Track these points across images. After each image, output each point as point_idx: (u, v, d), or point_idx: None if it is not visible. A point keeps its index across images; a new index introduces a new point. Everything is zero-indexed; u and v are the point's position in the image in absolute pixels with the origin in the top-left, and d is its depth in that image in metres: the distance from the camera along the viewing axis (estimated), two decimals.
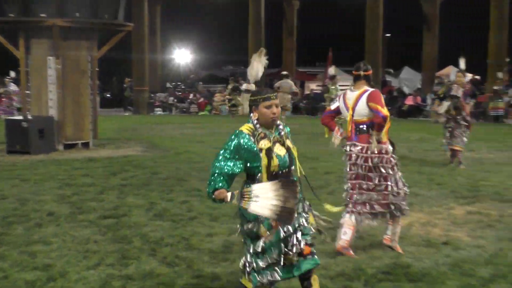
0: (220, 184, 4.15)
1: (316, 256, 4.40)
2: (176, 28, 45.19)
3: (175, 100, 32.64)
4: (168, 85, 35.62)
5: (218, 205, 7.97)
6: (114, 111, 31.96)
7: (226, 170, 4.17)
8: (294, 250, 4.23)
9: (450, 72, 38.15)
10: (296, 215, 4.19)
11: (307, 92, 36.00)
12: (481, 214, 7.80)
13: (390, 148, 6.18)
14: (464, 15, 43.62)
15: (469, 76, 13.27)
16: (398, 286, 5.13)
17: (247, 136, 4.24)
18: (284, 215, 3.91)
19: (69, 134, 14.22)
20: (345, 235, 6.09)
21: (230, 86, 26.76)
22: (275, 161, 4.20)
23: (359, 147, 6.12)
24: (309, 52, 45.78)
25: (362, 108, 6.18)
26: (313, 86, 37.63)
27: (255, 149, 4.19)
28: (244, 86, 27.32)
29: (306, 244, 4.33)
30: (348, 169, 6.22)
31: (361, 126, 6.19)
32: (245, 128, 4.31)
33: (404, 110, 27.49)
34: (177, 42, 47.17)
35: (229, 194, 4.07)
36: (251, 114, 4.33)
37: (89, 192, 9.16)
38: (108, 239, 6.55)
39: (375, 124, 6.09)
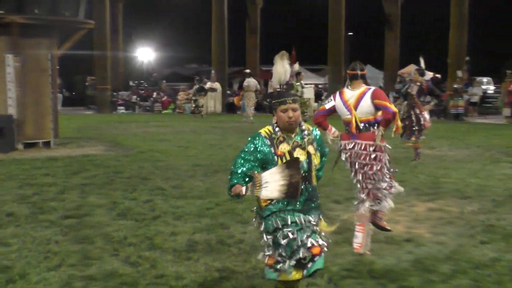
0: (235, 181, 4.19)
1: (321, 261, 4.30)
2: (138, 26, 44.84)
3: (138, 98, 32.38)
4: (131, 83, 35.31)
5: (184, 204, 8.03)
6: (76, 110, 31.56)
7: (242, 170, 4.22)
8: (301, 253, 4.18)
9: (411, 70, 38.71)
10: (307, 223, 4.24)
11: (270, 90, 36.01)
12: (442, 211, 7.89)
13: (388, 146, 6.28)
14: (425, 15, 44.20)
15: (430, 74, 13.42)
16: (361, 283, 5.14)
17: (263, 139, 4.27)
18: (291, 190, 3.95)
19: (30, 133, 13.95)
20: (357, 238, 6.13)
21: (195, 87, 26.65)
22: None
23: (360, 145, 6.18)
24: (272, 51, 45.71)
25: (366, 106, 6.23)
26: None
27: (270, 153, 4.23)
28: (208, 85, 27.31)
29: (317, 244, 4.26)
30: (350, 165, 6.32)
31: (363, 124, 6.24)
32: (264, 130, 4.34)
33: None
34: (140, 40, 46.74)
35: (243, 188, 4.10)
36: (273, 117, 4.38)
37: (50, 191, 8.99)
38: (69, 239, 6.43)
39: (382, 120, 6.19)
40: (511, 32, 25.46)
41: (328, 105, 6.51)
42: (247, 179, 4.17)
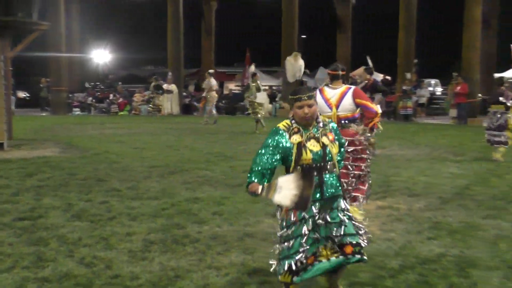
0: (253, 179, 4.31)
1: (357, 255, 4.34)
2: (94, 28, 44.22)
3: (94, 100, 31.95)
4: (86, 85, 34.80)
5: (139, 205, 7.97)
6: (31, 112, 30.99)
7: (260, 166, 4.33)
8: (326, 246, 4.29)
9: (361, 72, 39.17)
10: (329, 211, 4.34)
11: (226, 92, 36.01)
12: (392, 209, 8.01)
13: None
14: (375, 18, 44.78)
15: (380, 76, 13.62)
16: (312, 280, 5.15)
17: (281, 131, 4.41)
18: (301, 202, 4.06)
19: None
20: None
21: (152, 84, 26.47)
22: (307, 155, 4.32)
23: None
24: (228, 52, 45.82)
25: (347, 104, 6.63)
26: (232, 86, 37.72)
27: (288, 143, 4.35)
28: (165, 86, 27.14)
29: (349, 243, 4.31)
30: None
31: (343, 121, 6.63)
32: (282, 124, 4.48)
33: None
34: (96, 42, 46.15)
35: (260, 187, 4.24)
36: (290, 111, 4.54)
37: (3, 194, 8.78)
38: (23, 241, 6.30)
39: (365, 120, 6.59)
40: (458, 35, 25.95)
41: None
42: (266, 177, 4.32)
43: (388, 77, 31.28)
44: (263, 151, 4.38)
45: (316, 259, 4.27)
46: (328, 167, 4.39)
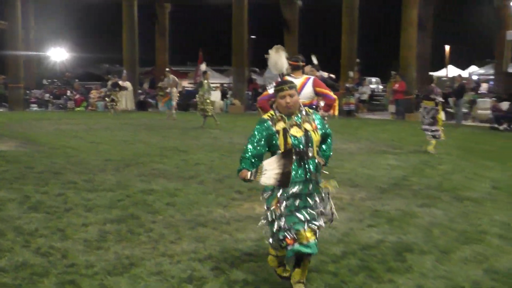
0: (243, 165, 4.50)
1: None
2: (51, 27, 43.28)
3: (51, 96, 31.23)
4: (44, 82, 34.05)
5: (95, 197, 7.83)
6: None
7: (249, 153, 4.51)
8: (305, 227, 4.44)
9: (308, 70, 39.46)
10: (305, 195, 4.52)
11: (179, 89, 35.74)
12: (335, 198, 7.96)
13: None
14: (320, 20, 45.12)
15: (325, 74, 13.75)
16: (261, 266, 5.19)
17: (267, 120, 4.57)
18: (283, 179, 4.26)
19: None
20: None
21: (110, 82, 26.05)
22: (289, 141, 4.45)
23: None
24: (181, 52, 45.53)
25: (308, 92, 7.05)
26: (185, 84, 37.43)
27: (273, 130, 4.51)
28: (120, 83, 26.75)
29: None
30: None
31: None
32: (267, 115, 4.65)
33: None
34: (53, 40, 45.23)
35: (249, 173, 4.41)
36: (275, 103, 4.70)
37: None
38: None
39: (325, 105, 7.22)
40: (396, 37, 26.36)
41: (271, 91, 6.90)
42: (254, 164, 4.47)
43: (333, 76, 31.59)
44: (250, 140, 4.54)
45: (296, 241, 4.39)
46: (310, 153, 4.51)
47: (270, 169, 4.29)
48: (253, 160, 4.49)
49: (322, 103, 8.14)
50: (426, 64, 32.96)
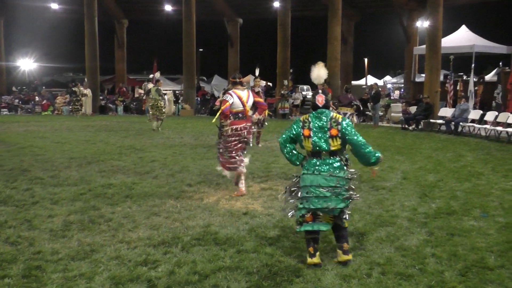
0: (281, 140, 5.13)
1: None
2: (20, 39, 42.03)
3: (20, 102, 30.19)
4: (14, 89, 32.94)
5: (60, 191, 7.61)
6: None
7: (281, 138, 5.13)
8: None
9: (249, 79, 39.60)
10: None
11: (136, 95, 35.16)
12: (272, 190, 8.11)
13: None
14: (258, 35, 45.32)
15: (263, 82, 13.91)
16: (208, 249, 5.17)
17: (299, 122, 4.96)
18: None
19: None
20: (242, 185, 7.73)
21: (77, 89, 25.39)
22: (308, 143, 4.82)
23: (247, 124, 7.81)
24: (138, 62, 44.91)
25: (251, 102, 7.85)
26: (141, 91, 36.88)
27: (299, 132, 4.88)
28: (81, 89, 26.09)
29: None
30: (230, 139, 7.72)
31: (247, 114, 7.80)
32: (303, 117, 4.97)
33: (215, 110, 27.80)
34: (22, 51, 43.87)
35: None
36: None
37: None
38: None
39: (260, 110, 8.27)
40: (323, 49, 26.66)
41: (230, 101, 7.64)
42: (284, 144, 5.08)
43: (270, 84, 31.83)
44: (287, 130, 5.06)
45: (315, 219, 4.81)
46: (324, 153, 4.79)
47: None
48: (286, 144, 5.06)
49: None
50: (349, 74, 33.61)
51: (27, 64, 44.93)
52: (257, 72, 13.61)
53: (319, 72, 5.16)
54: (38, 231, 5.70)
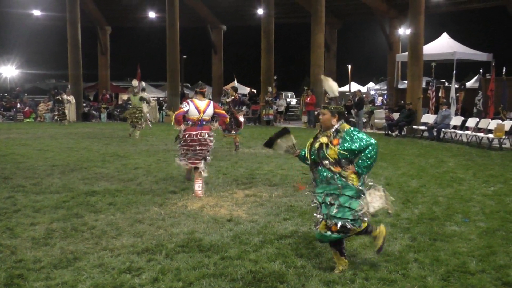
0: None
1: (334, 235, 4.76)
2: (2, 46, 41.60)
3: (2, 109, 29.86)
4: None
5: (43, 198, 7.53)
6: None
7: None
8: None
9: (234, 93, 39.67)
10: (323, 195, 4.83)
11: (120, 102, 35.01)
12: (256, 196, 8.12)
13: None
14: (242, 41, 45.40)
15: (247, 89, 14.04)
16: (192, 256, 5.16)
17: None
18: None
19: None
20: (199, 187, 8.08)
21: (61, 97, 25.17)
22: (308, 150, 5.02)
23: (202, 131, 8.19)
24: (121, 69, 44.77)
25: (210, 111, 8.30)
26: (124, 97, 36.75)
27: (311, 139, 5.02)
28: (65, 97, 25.91)
29: (334, 224, 4.71)
30: (184, 143, 8.23)
31: (204, 122, 8.23)
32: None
33: None
34: (3, 58, 43.46)
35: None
36: None
37: None
38: None
39: (221, 121, 8.94)
40: (307, 57, 26.80)
41: (185, 109, 8.14)
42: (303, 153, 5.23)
43: (254, 90, 31.87)
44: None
45: (316, 227, 4.90)
46: (323, 161, 4.78)
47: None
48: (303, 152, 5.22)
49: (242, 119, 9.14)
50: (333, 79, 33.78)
51: (8, 71, 44.55)
52: (235, 81, 14.06)
53: (331, 85, 5.13)
54: (20, 239, 5.64)
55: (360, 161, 4.74)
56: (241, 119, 14.08)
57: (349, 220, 4.69)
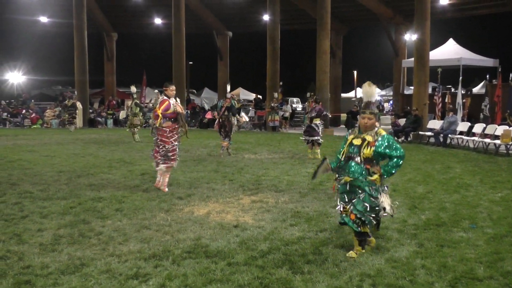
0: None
1: (351, 223, 5.39)
2: (8, 52, 41.89)
3: (9, 115, 30.02)
4: (2, 102, 32.76)
5: (50, 204, 7.57)
6: None
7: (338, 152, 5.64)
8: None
9: (239, 92, 39.73)
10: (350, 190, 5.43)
11: (125, 108, 35.14)
12: (262, 202, 8.13)
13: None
14: (248, 48, 45.49)
15: (252, 95, 14.17)
16: (199, 262, 5.17)
17: (348, 132, 5.64)
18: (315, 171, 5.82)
19: None
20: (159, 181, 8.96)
21: (69, 101, 25.33)
22: (347, 149, 5.46)
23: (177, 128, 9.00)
24: (126, 75, 44.96)
25: (179, 108, 9.07)
26: (129, 103, 36.96)
27: (346, 138, 5.57)
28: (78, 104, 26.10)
29: (354, 213, 5.35)
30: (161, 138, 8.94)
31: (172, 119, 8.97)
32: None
33: (205, 123, 27.90)
34: (10, 65, 43.75)
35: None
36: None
37: None
38: None
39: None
40: (312, 63, 26.82)
41: (172, 110, 8.90)
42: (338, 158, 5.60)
43: (259, 96, 31.90)
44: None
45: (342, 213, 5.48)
46: (355, 157, 5.36)
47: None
48: (338, 156, 5.58)
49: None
50: (337, 86, 33.85)
51: (15, 77, 44.84)
52: (228, 88, 14.32)
53: (372, 90, 5.55)
54: (28, 245, 5.66)
55: (388, 166, 5.32)
56: (246, 118, 14.88)
57: (365, 215, 5.31)
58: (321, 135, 14.51)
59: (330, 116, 15.46)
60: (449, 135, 17.73)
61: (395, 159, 5.29)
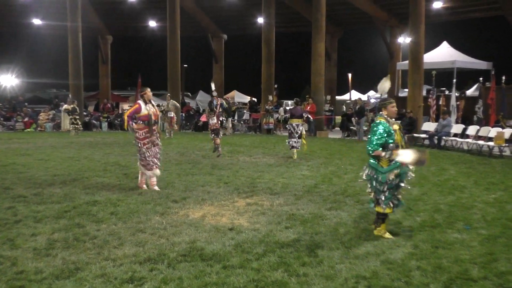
0: (377, 147, 6.01)
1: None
2: (2, 55, 41.75)
3: (1, 118, 29.89)
4: None
5: (44, 209, 7.52)
6: None
7: (378, 143, 6.01)
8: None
9: (234, 95, 39.75)
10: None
11: (120, 111, 35.07)
12: (257, 205, 8.12)
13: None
14: (243, 50, 45.52)
15: (247, 98, 14.21)
16: (194, 265, 5.16)
17: (384, 122, 6.10)
18: (421, 161, 6.00)
19: None
20: (142, 176, 9.51)
21: (70, 106, 25.18)
22: (398, 137, 6.11)
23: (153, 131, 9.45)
24: (121, 78, 44.91)
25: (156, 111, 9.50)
26: (125, 107, 36.85)
27: (391, 129, 6.07)
28: (65, 107, 25.97)
29: None
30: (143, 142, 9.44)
31: (154, 121, 9.43)
32: (381, 118, 6.16)
33: (200, 125, 27.89)
34: (3, 67, 43.59)
35: (383, 153, 6.00)
36: (382, 111, 6.24)
37: None
38: None
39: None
40: (307, 65, 26.87)
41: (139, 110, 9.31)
42: (381, 148, 6.01)
43: (254, 99, 31.95)
44: (376, 137, 5.99)
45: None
46: (401, 146, 6.10)
47: (406, 154, 5.93)
48: (382, 145, 5.98)
49: None
50: (333, 89, 33.92)
51: (8, 80, 44.67)
52: (213, 87, 14.40)
53: (387, 85, 6.40)
54: (21, 250, 5.63)
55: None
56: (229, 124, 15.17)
57: (377, 196, 6.20)
58: (298, 139, 14.60)
59: (312, 120, 15.72)
60: (444, 137, 17.79)
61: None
